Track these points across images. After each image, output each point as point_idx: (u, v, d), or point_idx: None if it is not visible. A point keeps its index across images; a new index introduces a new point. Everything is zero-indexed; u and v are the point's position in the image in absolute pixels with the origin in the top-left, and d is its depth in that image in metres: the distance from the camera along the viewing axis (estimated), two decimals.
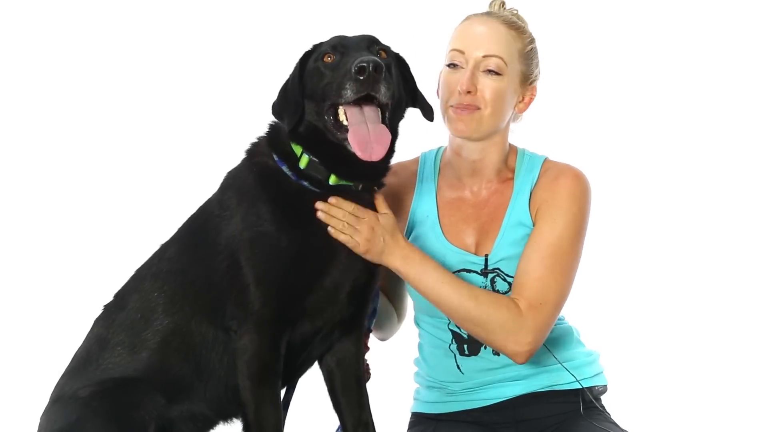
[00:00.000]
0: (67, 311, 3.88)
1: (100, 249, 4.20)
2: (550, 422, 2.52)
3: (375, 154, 2.16)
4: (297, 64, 2.29)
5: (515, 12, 2.57)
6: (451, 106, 2.46)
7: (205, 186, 2.37)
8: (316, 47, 2.29)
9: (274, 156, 2.28)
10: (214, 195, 2.34)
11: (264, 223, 2.21)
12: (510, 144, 2.60)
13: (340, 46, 2.22)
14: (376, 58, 2.12)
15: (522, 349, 2.36)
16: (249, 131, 2.38)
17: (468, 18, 2.54)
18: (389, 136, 2.19)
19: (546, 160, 2.56)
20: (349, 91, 2.13)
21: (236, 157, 2.36)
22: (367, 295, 2.38)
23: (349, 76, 2.12)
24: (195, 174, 3.64)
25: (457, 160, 2.57)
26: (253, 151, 2.35)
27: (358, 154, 2.15)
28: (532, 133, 2.69)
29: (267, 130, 2.36)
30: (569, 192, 2.46)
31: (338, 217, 2.23)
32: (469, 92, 2.42)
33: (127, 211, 4.27)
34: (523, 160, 2.56)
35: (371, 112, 2.19)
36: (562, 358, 2.53)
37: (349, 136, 2.16)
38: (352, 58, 2.15)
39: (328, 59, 2.21)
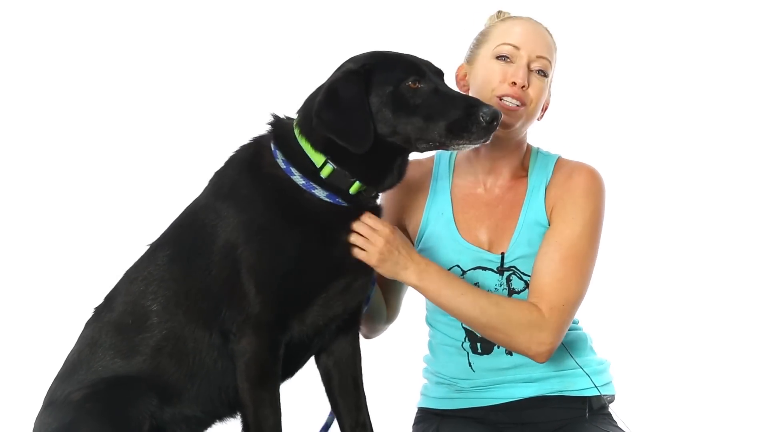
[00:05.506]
0: (62, 313, 3.87)
1: (94, 250, 4.18)
2: (554, 426, 2.51)
3: None
4: (356, 79, 2.17)
5: None
6: (498, 96, 2.42)
7: (195, 185, 2.34)
8: (380, 67, 2.20)
9: (281, 164, 2.22)
10: (207, 201, 2.27)
11: (264, 232, 2.18)
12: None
13: (430, 74, 2.21)
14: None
15: (544, 349, 2.37)
16: (237, 129, 2.36)
17: (510, 17, 2.51)
18: None
19: (559, 158, 2.56)
20: (475, 135, 2.17)
21: (225, 155, 2.32)
22: (365, 294, 2.37)
23: (476, 120, 2.15)
24: (186, 174, 3.61)
25: (475, 157, 2.55)
26: (258, 164, 2.26)
27: None
28: (544, 132, 2.69)
29: (271, 136, 2.28)
30: (585, 189, 2.45)
31: (356, 229, 2.23)
32: (523, 87, 2.42)
33: (121, 212, 4.25)
34: (537, 158, 2.56)
35: None
36: (574, 364, 2.52)
37: None
38: (453, 95, 2.20)
39: (416, 85, 2.18)
